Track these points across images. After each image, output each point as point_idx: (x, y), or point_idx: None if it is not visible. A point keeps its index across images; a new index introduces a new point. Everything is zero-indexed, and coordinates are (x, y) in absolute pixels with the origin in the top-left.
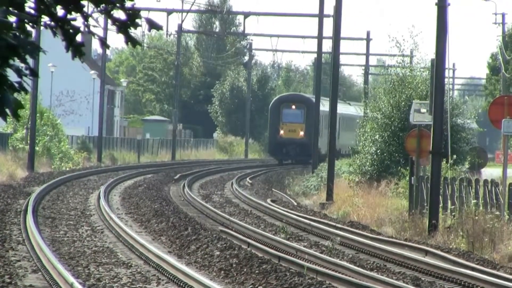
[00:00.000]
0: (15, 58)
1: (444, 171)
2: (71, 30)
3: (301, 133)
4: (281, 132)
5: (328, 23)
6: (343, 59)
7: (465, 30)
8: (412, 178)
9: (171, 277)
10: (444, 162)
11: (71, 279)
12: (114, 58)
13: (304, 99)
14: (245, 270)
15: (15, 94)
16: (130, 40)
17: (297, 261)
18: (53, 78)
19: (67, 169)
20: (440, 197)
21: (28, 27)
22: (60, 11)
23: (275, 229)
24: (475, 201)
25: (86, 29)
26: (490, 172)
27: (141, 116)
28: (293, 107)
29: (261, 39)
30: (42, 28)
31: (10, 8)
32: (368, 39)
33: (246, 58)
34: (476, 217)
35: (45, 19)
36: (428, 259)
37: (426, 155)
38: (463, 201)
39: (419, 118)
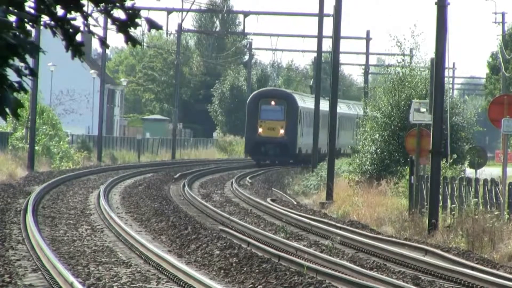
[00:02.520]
0: (15, 58)
1: (443, 171)
2: (71, 30)
3: (281, 131)
4: (260, 130)
5: (328, 22)
6: (343, 58)
7: (465, 29)
8: (412, 177)
9: (171, 276)
10: (444, 161)
11: (71, 278)
12: (114, 57)
13: (285, 94)
14: (245, 269)
15: (15, 94)
16: (130, 39)
17: (297, 260)
18: (53, 77)
19: (67, 168)
20: (440, 196)
21: (28, 27)
22: (60, 11)
23: (275, 229)
24: (475, 200)
25: (86, 29)
26: (490, 171)
27: (141, 115)
28: (273, 103)
29: (261, 39)
30: (42, 27)
31: (10, 8)
32: (368, 38)
33: (246, 57)
34: (476, 217)
35: (45, 18)
36: (427, 259)
37: (426, 155)
38: (462, 200)
39: (419, 118)
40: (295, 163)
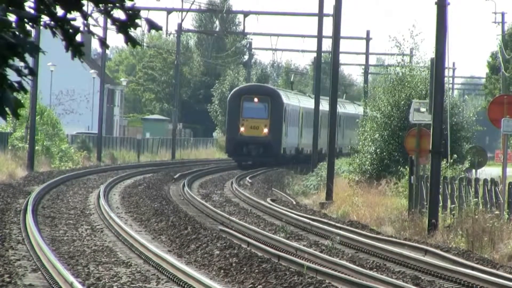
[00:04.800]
0: (15, 58)
1: (443, 170)
2: (71, 30)
3: (265, 130)
4: (242, 129)
5: (328, 22)
6: (342, 58)
7: (465, 29)
8: (412, 177)
9: (171, 276)
10: (444, 161)
11: (71, 278)
12: (114, 57)
13: (269, 90)
14: (244, 269)
15: (15, 93)
16: (129, 40)
17: (297, 260)
18: (52, 77)
19: (67, 168)
20: (440, 196)
21: (28, 27)
22: (60, 11)
23: (274, 228)
24: (475, 200)
25: (86, 29)
26: (490, 171)
27: (141, 115)
28: (256, 100)
29: (260, 38)
30: (41, 27)
31: (10, 7)
32: (367, 39)
33: (246, 57)
34: (476, 216)
35: (45, 18)
36: (427, 258)
37: (426, 154)
38: (462, 200)
39: (419, 117)
40: (280, 164)
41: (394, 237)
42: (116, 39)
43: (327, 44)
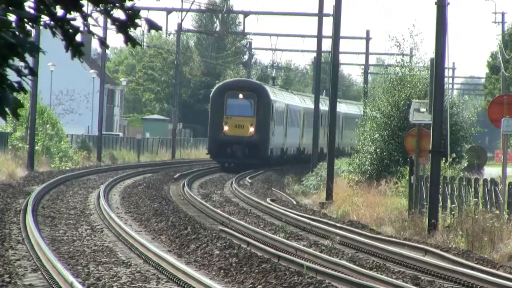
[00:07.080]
0: (15, 58)
1: (443, 170)
2: (70, 30)
3: (251, 129)
4: (225, 128)
5: (328, 22)
6: (342, 58)
7: (464, 29)
8: (412, 177)
9: (170, 276)
10: (444, 161)
11: (71, 278)
12: (113, 57)
13: (255, 86)
14: (244, 269)
15: (15, 94)
16: (129, 40)
17: (297, 260)
18: (52, 77)
19: (67, 168)
20: (440, 196)
21: (28, 27)
22: (59, 11)
23: (274, 228)
24: (475, 200)
25: (86, 29)
26: (490, 171)
27: (141, 115)
28: (241, 96)
29: (260, 38)
30: (41, 27)
31: (10, 7)
32: (367, 38)
33: (246, 57)
34: (476, 216)
35: (44, 18)
36: (427, 258)
37: (426, 154)
38: (462, 200)
39: (419, 117)
40: (266, 166)
41: (394, 237)
42: (116, 39)
43: (327, 44)
